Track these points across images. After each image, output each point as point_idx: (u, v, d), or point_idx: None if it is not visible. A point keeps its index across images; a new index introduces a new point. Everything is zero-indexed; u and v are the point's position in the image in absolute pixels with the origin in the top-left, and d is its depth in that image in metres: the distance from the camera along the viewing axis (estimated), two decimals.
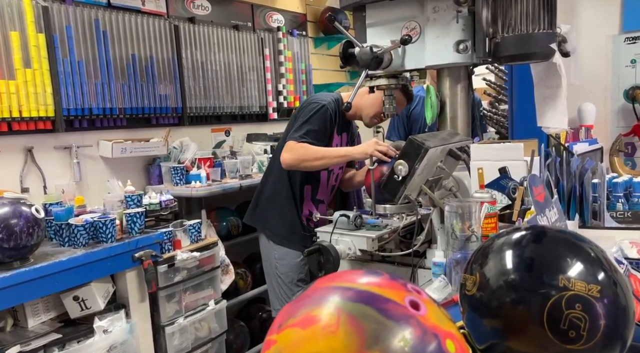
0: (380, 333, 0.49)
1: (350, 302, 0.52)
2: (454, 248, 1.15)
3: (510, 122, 2.55)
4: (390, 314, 0.51)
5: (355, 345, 0.49)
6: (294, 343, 0.51)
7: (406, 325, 0.51)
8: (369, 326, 0.50)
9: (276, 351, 0.52)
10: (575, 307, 0.65)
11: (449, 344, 0.52)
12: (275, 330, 0.54)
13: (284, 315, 0.55)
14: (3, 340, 1.78)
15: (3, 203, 1.74)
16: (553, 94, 1.85)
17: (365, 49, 1.91)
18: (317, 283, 0.58)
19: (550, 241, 0.74)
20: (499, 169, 1.53)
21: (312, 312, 0.52)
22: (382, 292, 0.54)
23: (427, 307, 0.54)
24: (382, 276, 0.57)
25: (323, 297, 0.54)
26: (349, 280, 0.56)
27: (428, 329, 0.51)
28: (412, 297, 0.54)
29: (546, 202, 1.07)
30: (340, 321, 0.50)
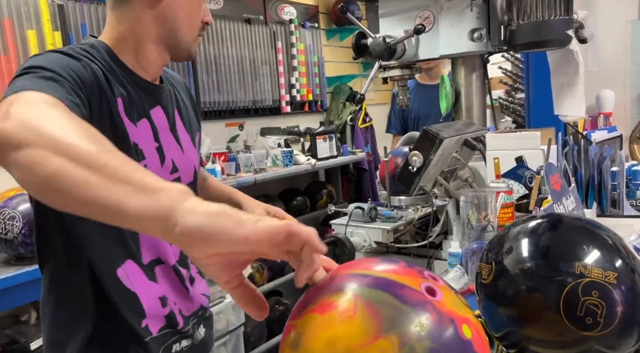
0: (396, 318, 0.50)
1: (367, 288, 0.53)
2: (470, 238, 1.14)
3: (527, 110, 2.52)
4: (406, 300, 0.52)
5: (372, 329, 0.49)
6: (313, 327, 0.52)
7: (422, 311, 0.51)
8: (386, 311, 0.51)
9: (296, 335, 0.53)
10: (592, 294, 0.64)
11: (466, 329, 0.52)
12: (295, 315, 0.56)
13: (303, 302, 0.57)
14: (27, 332, 1.83)
15: (24, 199, 1.78)
16: (570, 81, 1.82)
17: (378, 40, 1.90)
18: (335, 270, 0.59)
19: (567, 229, 0.73)
20: (515, 158, 1.52)
21: (330, 298, 0.53)
22: (399, 278, 0.54)
23: (444, 293, 0.54)
24: (399, 263, 0.58)
25: (341, 284, 0.55)
26: (366, 267, 0.57)
27: (444, 314, 0.52)
28: (428, 284, 0.54)
29: (563, 191, 1.06)
30: (358, 306, 0.51)
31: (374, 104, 4.43)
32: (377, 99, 4.50)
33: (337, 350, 0.49)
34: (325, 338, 0.51)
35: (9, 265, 1.77)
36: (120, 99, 0.88)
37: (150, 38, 0.94)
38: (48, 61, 0.78)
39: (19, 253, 1.76)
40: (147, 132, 0.94)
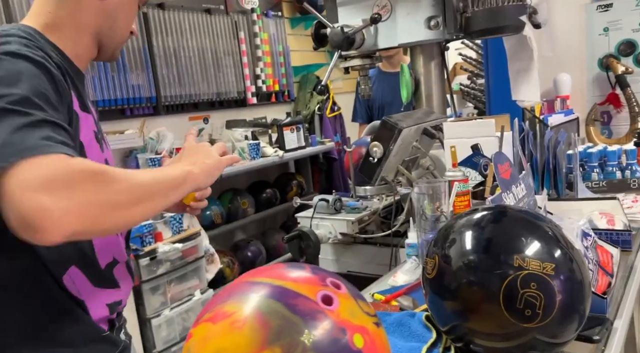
0: (284, 329, 0.50)
1: (263, 297, 0.53)
2: (425, 229, 1.14)
3: (488, 97, 2.54)
4: (297, 309, 0.52)
5: (258, 341, 0.49)
6: (204, 338, 0.52)
7: (312, 320, 0.51)
8: (275, 322, 0.51)
9: (190, 345, 0.54)
10: (530, 286, 0.65)
11: (357, 338, 0.52)
12: (195, 323, 0.56)
13: (204, 309, 0.57)
14: None
15: None
16: (526, 67, 1.84)
17: (336, 30, 1.88)
18: (240, 277, 0.59)
19: (508, 221, 0.74)
20: (471, 146, 1.53)
21: (226, 307, 0.54)
22: (295, 287, 0.54)
23: (341, 302, 0.54)
24: (304, 269, 0.57)
25: (240, 292, 0.55)
26: (269, 275, 0.57)
27: (336, 324, 0.52)
28: (326, 292, 0.54)
29: (512, 179, 1.07)
30: (249, 317, 0.51)
31: (342, 92, 4.41)
32: (345, 87, 4.48)
33: None
34: (213, 349, 0.51)
35: None
36: (74, 94, 0.85)
37: (89, 29, 0.91)
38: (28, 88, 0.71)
39: None
40: (91, 123, 0.92)
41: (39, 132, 0.66)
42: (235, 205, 3.11)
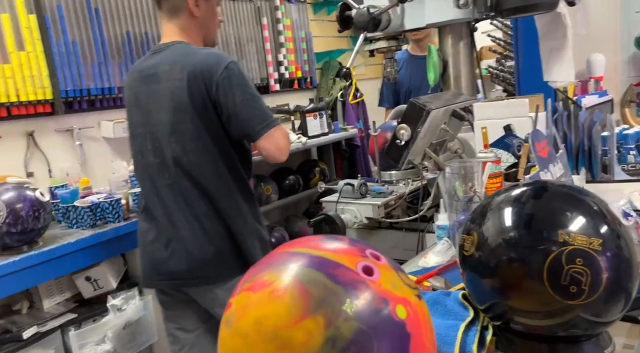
0: (325, 298, 0.49)
1: (302, 267, 0.52)
2: (457, 210, 1.12)
3: (517, 78, 2.47)
4: (338, 279, 0.51)
5: (299, 309, 0.49)
6: (244, 306, 0.52)
7: (353, 290, 0.50)
8: (316, 291, 0.50)
9: (229, 314, 0.54)
10: (576, 262, 0.62)
11: (400, 309, 0.51)
12: (235, 292, 0.56)
13: (245, 278, 0.57)
14: (20, 322, 1.83)
15: (7, 188, 1.75)
16: (559, 45, 1.78)
17: (362, 10, 1.85)
18: (278, 248, 0.59)
19: (550, 196, 0.71)
20: (503, 127, 1.49)
21: (265, 277, 0.53)
22: (335, 257, 0.53)
23: (382, 273, 0.53)
24: (342, 241, 0.56)
25: (279, 262, 0.55)
26: (306, 245, 0.56)
27: (377, 294, 0.51)
28: (366, 263, 0.53)
29: (550, 157, 1.04)
30: (289, 286, 0.51)
31: (365, 78, 4.37)
32: (368, 73, 4.43)
33: (264, 330, 0.49)
34: (253, 317, 0.51)
35: None
36: None
37: (200, 37, 1.57)
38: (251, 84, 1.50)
39: (5, 242, 1.74)
40: None
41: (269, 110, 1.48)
42: (259, 191, 3.12)
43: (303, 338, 0.48)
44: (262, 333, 0.49)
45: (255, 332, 0.50)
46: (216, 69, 1.40)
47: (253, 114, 1.43)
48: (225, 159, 1.49)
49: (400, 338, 0.50)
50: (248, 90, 1.44)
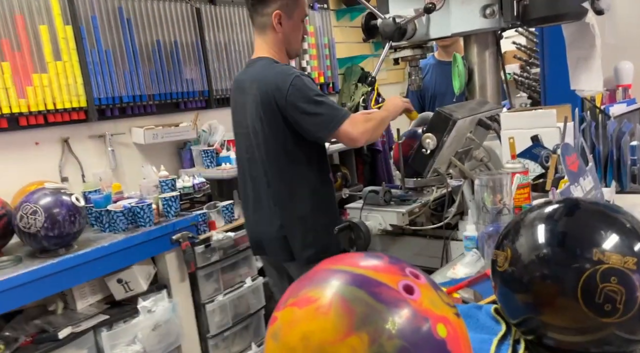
0: (369, 316, 0.52)
1: (345, 285, 0.55)
2: (486, 221, 1.13)
3: (543, 86, 2.46)
4: (381, 298, 0.53)
5: (345, 326, 0.51)
6: (291, 321, 0.55)
7: (395, 309, 0.52)
8: (359, 309, 0.52)
9: (276, 328, 0.56)
10: (611, 281, 0.64)
11: (440, 328, 0.53)
12: (279, 307, 0.58)
13: (288, 294, 0.59)
14: (55, 322, 1.89)
15: (45, 193, 1.82)
16: (587, 55, 1.77)
17: (388, 20, 1.87)
18: (321, 264, 0.61)
19: (584, 214, 0.72)
20: (531, 137, 1.49)
21: (310, 293, 0.56)
22: (377, 276, 0.56)
23: (422, 292, 0.55)
24: (382, 259, 0.59)
25: (322, 279, 0.57)
26: (348, 263, 0.58)
27: (419, 313, 0.53)
28: (407, 282, 0.55)
29: (580, 171, 1.04)
30: (333, 303, 0.53)
31: (387, 83, 4.38)
32: (390, 78, 4.45)
33: (310, 345, 0.52)
34: (300, 332, 0.53)
35: (35, 257, 1.82)
36: None
37: (283, 50, 1.83)
38: (315, 87, 1.73)
39: (43, 246, 1.81)
40: None
41: (338, 106, 1.76)
42: None
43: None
44: (309, 349, 0.52)
45: (302, 347, 0.52)
46: (284, 87, 1.68)
47: (320, 120, 1.69)
48: (288, 157, 1.77)
49: None
50: (312, 99, 1.68)
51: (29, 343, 1.79)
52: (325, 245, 1.84)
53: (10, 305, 1.71)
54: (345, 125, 1.69)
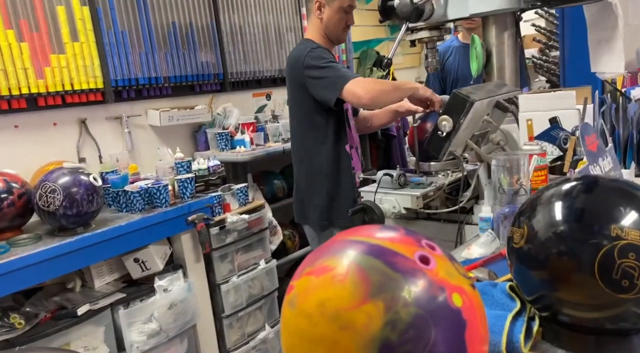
0: (385, 284, 0.52)
1: (361, 254, 0.56)
2: (502, 202, 1.13)
3: (562, 69, 2.42)
4: (397, 267, 0.54)
5: (361, 293, 0.52)
6: (307, 289, 0.56)
7: (412, 278, 0.53)
8: (375, 277, 0.53)
9: (293, 296, 0.57)
10: (629, 256, 0.63)
11: (456, 297, 0.53)
12: (296, 276, 0.60)
13: (305, 264, 0.60)
14: (74, 299, 1.93)
15: (63, 173, 1.85)
16: (608, 36, 1.73)
17: (405, 1, 1.84)
18: (337, 236, 0.63)
19: (602, 191, 0.72)
20: (549, 119, 1.47)
21: (326, 262, 0.57)
22: (393, 246, 0.56)
23: (438, 262, 0.55)
24: (398, 231, 0.59)
25: (339, 249, 0.58)
26: (365, 234, 0.59)
27: (434, 282, 0.53)
28: (422, 252, 0.56)
29: (599, 151, 1.03)
30: (350, 271, 0.54)
31: (402, 68, 4.34)
32: (406, 62, 4.40)
33: (327, 311, 0.53)
34: (317, 299, 0.54)
35: (54, 235, 1.85)
36: None
37: (324, 35, 2.03)
38: (326, 58, 1.94)
39: (62, 224, 1.84)
40: None
41: (346, 70, 1.93)
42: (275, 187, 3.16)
43: (364, 321, 0.51)
44: (326, 315, 0.53)
45: (318, 313, 0.53)
46: (301, 59, 1.93)
47: (327, 83, 1.89)
48: (309, 125, 2.02)
49: (457, 325, 0.53)
50: (321, 65, 1.90)
51: (49, 319, 1.83)
52: (335, 214, 2.05)
53: (30, 281, 1.74)
54: (350, 84, 1.83)
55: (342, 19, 2.01)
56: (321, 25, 2.02)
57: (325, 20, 2.01)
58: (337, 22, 2.01)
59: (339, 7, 1.98)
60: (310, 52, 1.92)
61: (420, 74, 4.65)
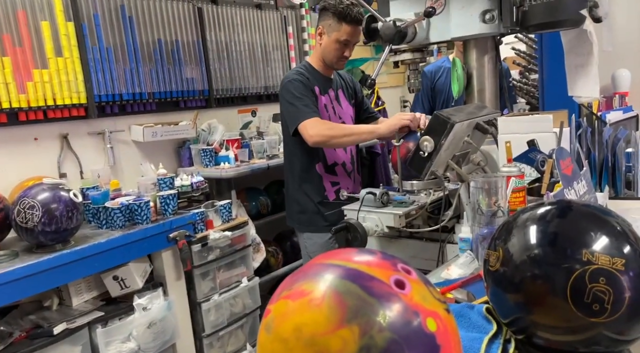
0: (360, 309, 0.53)
1: (338, 278, 0.56)
2: (480, 223, 1.14)
3: (541, 92, 2.48)
4: (372, 291, 0.54)
5: (336, 318, 0.52)
6: (284, 313, 0.56)
7: (387, 302, 0.54)
8: (351, 302, 0.53)
9: (269, 320, 0.57)
10: (599, 281, 0.65)
11: (430, 322, 0.54)
12: (272, 300, 0.60)
13: (282, 287, 0.60)
14: (50, 318, 1.90)
15: (43, 188, 1.83)
16: (584, 61, 1.79)
17: (389, 24, 1.88)
18: (315, 259, 0.63)
19: (575, 215, 0.74)
20: (527, 142, 1.50)
21: (303, 286, 0.57)
22: (369, 270, 0.57)
23: (413, 287, 0.56)
24: (375, 255, 0.60)
25: (316, 273, 0.58)
26: (342, 258, 0.60)
27: (409, 307, 0.54)
28: (398, 276, 0.56)
29: (574, 175, 1.06)
30: (326, 296, 0.54)
31: (387, 87, 4.40)
32: (390, 82, 4.47)
33: (302, 336, 0.53)
34: (293, 323, 0.54)
35: (31, 253, 1.82)
36: (317, 86, 2.15)
37: (321, 60, 2.19)
38: (298, 91, 2.07)
39: (40, 241, 1.81)
40: (327, 99, 2.20)
41: (307, 107, 2.05)
42: (281, 196, 3.16)
43: (339, 346, 0.52)
44: (302, 340, 0.53)
45: (294, 338, 0.53)
46: (283, 83, 2.14)
47: (289, 116, 2.10)
48: (289, 146, 2.21)
49: (430, 350, 0.53)
50: (288, 99, 2.08)
51: (24, 338, 1.79)
52: (306, 220, 2.24)
53: (6, 299, 1.71)
54: (306, 122, 2.02)
55: (338, 50, 2.13)
56: (320, 50, 2.18)
57: (323, 47, 2.15)
58: (333, 51, 2.14)
59: (337, 39, 2.11)
60: (290, 82, 2.10)
61: (404, 93, 4.72)
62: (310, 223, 2.23)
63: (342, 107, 2.29)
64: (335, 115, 2.23)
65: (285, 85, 2.11)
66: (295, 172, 2.23)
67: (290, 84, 2.10)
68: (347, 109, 2.31)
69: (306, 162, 2.20)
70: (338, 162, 2.25)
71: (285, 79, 2.14)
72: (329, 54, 2.16)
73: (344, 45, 2.14)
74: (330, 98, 2.23)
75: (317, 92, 2.17)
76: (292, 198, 2.28)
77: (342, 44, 2.13)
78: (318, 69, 2.21)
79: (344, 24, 2.09)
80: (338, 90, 2.29)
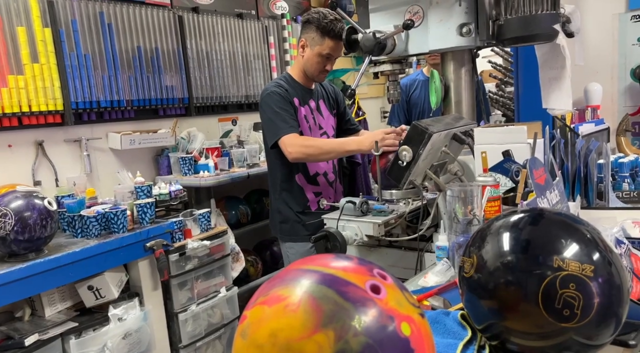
0: (336, 314, 0.53)
1: (314, 284, 0.56)
2: (457, 232, 1.16)
3: (517, 104, 2.54)
4: (348, 296, 0.55)
5: (312, 323, 0.53)
6: (260, 319, 0.56)
7: (362, 307, 0.54)
8: (327, 307, 0.54)
9: (245, 326, 0.57)
10: (569, 287, 0.66)
11: (405, 327, 0.55)
12: (249, 306, 0.60)
13: (259, 293, 0.60)
14: (22, 329, 1.84)
15: (16, 196, 1.79)
16: (557, 75, 1.84)
17: (368, 35, 1.91)
18: (292, 265, 0.63)
19: (547, 223, 0.75)
20: (502, 152, 1.54)
21: (280, 291, 0.57)
22: (345, 275, 0.57)
23: (388, 292, 0.57)
24: (351, 261, 0.60)
25: (292, 279, 0.59)
26: (318, 264, 0.60)
27: (384, 312, 0.55)
28: (374, 282, 0.57)
29: (547, 185, 1.08)
30: (302, 301, 0.55)
31: (368, 97, 4.44)
32: (371, 92, 4.51)
33: (278, 342, 0.53)
34: (269, 329, 0.54)
35: (3, 262, 1.78)
36: (296, 98, 2.16)
37: (302, 71, 2.19)
38: (277, 105, 2.08)
39: (12, 250, 1.77)
40: (307, 110, 2.19)
41: (285, 123, 2.05)
42: (261, 205, 3.16)
43: (314, 351, 0.52)
44: (277, 345, 0.53)
45: (270, 344, 0.53)
46: (263, 95, 2.14)
47: (268, 131, 2.12)
48: (270, 157, 2.21)
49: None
50: (267, 113, 2.10)
51: None
52: (287, 230, 2.24)
53: None
54: (285, 138, 2.04)
55: (320, 63, 2.15)
56: (301, 62, 2.18)
57: (305, 60, 2.16)
58: (315, 64, 2.15)
59: (319, 52, 2.12)
60: (268, 95, 2.10)
61: (384, 104, 4.77)
62: (291, 233, 2.23)
63: (323, 116, 2.29)
64: (315, 125, 2.23)
65: (264, 98, 2.12)
66: (276, 182, 2.24)
67: (269, 97, 2.10)
68: (328, 119, 2.31)
69: (286, 173, 2.20)
70: (320, 172, 2.25)
71: (265, 91, 2.14)
72: (310, 67, 2.17)
73: (326, 58, 2.15)
74: (310, 108, 2.24)
75: (297, 103, 2.17)
76: (274, 208, 2.29)
77: (325, 57, 2.14)
78: (298, 80, 2.22)
79: (327, 39, 2.11)
80: (319, 100, 2.30)
